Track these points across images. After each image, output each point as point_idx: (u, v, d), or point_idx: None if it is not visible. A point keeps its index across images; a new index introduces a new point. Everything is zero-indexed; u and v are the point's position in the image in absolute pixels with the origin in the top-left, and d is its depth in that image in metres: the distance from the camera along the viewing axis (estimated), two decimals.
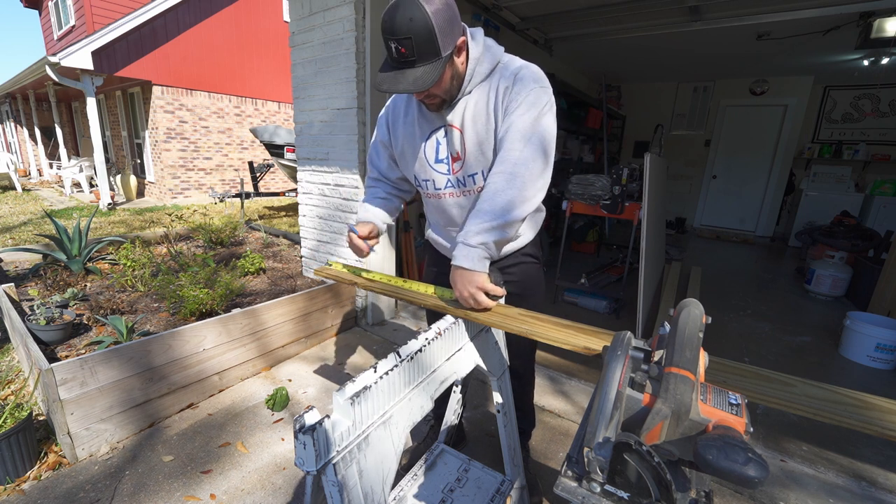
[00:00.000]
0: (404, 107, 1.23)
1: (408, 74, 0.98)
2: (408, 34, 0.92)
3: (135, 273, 2.84)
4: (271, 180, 9.35)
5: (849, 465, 1.75)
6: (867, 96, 5.82)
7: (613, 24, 3.74)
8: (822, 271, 3.86)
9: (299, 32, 2.73)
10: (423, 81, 0.97)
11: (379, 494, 0.75)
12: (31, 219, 5.87)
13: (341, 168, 2.73)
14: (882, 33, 3.22)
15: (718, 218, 6.98)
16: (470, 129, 1.11)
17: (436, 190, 1.23)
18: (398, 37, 0.93)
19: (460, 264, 1.03)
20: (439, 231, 1.37)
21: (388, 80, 1.00)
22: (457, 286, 1.04)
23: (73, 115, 11.65)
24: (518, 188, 1.03)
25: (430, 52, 0.95)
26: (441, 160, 1.18)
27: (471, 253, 1.03)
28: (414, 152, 1.21)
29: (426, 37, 0.93)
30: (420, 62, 0.96)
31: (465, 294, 1.02)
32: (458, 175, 1.18)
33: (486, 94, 1.09)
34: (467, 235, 1.04)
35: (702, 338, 0.62)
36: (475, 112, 1.10)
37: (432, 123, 1.16)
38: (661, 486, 0.49)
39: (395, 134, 1.25)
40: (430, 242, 1.45)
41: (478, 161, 1.14)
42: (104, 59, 6.71)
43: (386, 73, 1.01)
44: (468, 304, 1.03)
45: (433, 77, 0.98)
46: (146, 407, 1.81)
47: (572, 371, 2.40)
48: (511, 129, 1.05)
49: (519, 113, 1.05)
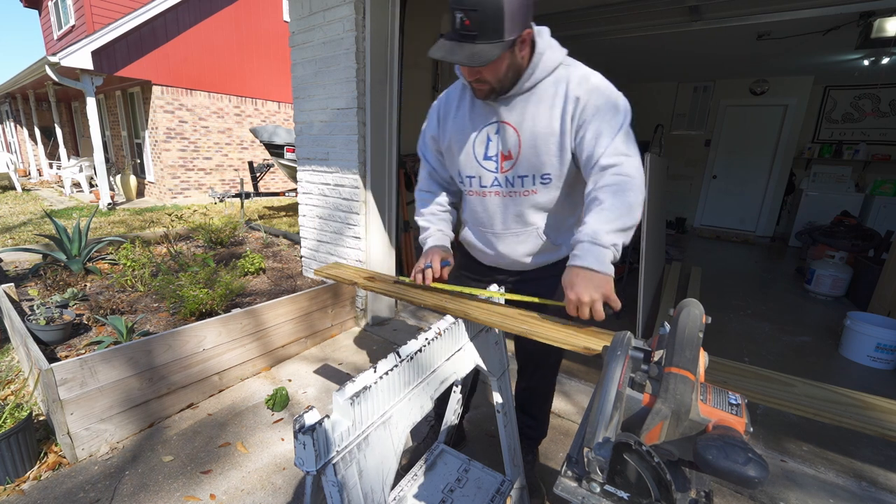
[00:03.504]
0: (457, 100, 1.19)
1: (465, 48, 0.94)
2: (476, 6, 0.89)
3: (135, 273, 2.84)
4: (271, 180, 9.35)
5: (849, 466, 1.75)
6: (867, 96, 5.81)
7: (613, 24, 3.73)
8: (823, 271, 3.86)
9: (299, 32, 2.73)
10: (478, 58, 0.93)
11: (379, 494, 0.75)
12: (31, 219, 5.86)
13: (341, 168, 2.73)
14: (882, 33, 3.22)
15: (718, 218, 6.97)
16: (527, 130, 1.07)
17: (481, 187, 1.19)
18: (466, 6, 0.90)
19: (587, 265, 0.92)
20: (475, 231, 1.31)
21: (443, 49, 0.96)
22: (576, 288, 0.91)
23: (72, 114, 11.65)
24: (636, 193, 0.97)
25: (493, 30, 0.92)
26: (490, 157, 1.14)
27: (602, 254, 0.93)
28: (461, 147, 1.17)
29: (494, 13, 0.89)
30: (481, 39, 0.92)
31: (586, 299, 0.89)
32: (506, 174, 1.13)
33: (551, 97, 1.05)
34: (597, 234, 0.94)
35: (702, 338, 0.62)
36: (536, 113, 1.06)
37: (485, 118, 1.12)
38: (660, 487, 0.49)
39: (445, 127, 1.21)
40: (464, 245, 1.39)
41: (530, 164, 1.10)
42: (104, 59, 6.71)
43: (445, 41, 0.97)
44: (582, 313, 0.91)
45: (490, 56, 0.93)
46: (146, 407, 1.81)
47: (572, 371, 2.40)
48: (608, 140, 1.00)
49: (608, 119, 1.01)
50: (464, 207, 1.32)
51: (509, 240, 1.23)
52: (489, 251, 1.29)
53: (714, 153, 6.77)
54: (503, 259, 1.28)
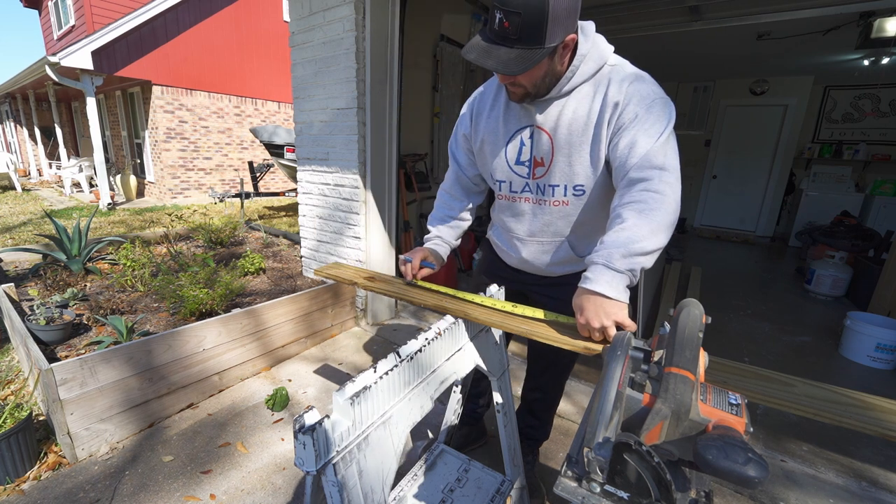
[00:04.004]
0: (491, 100, 1.13)
1: (500, 52, 0.88)
2: (518, 9, 0.83)
3: (135, 273, 2.84)
4: (271, 180, 9.35)
5: (849, 465, 1.75)
6: (867, 96, 5.81)
7: (613, 24, 3.73)
8: (823, 271, 3.86)
9: (299, 32, 2.73)
10: (512, 66, 0.88)
11: (379, 494, 0.75)
12: (31, 219, 5.86)
13: (341, 168, 2.73)
14: (882, 33, 3.22)
15: (718, 218, 6.98)
16: (562, 137, 1.02)
17: (511, 192, 1.15)
18: (508, 7, 0.83)
19: (600, 290, 0.84)
20: (502, 233, 1.29)
21: (478, 51, 0.90)
22: (586, 314, 0.86)
23: (72, 114, 11.65)
24: (665, 212, 0.88)
25: (534, 36, 0.85)
26: (522, 162, 1.09)
27: (615, 279, 0.85)
28: (494, 150, 1.13)
29: (537, 19, 0.83)
30: (519, 44, 0.86)
31: (596, 325, 0.84)
32: (538, 181, 1.09)
33: (588, 101, 0.98)
34: (612, 257, 0.86)
35: (702, 338, 0.62)
36: (572, 119, 1.00)
37: (519, 122, 1.07)
38: (660, 486, 0.49)
39: (478, 127, 1.16)
40: (490, 244, 1.38)
41: (562, 172, 1.05)
42: (104, 59, 6.71)
43: (480, 42, 0.91)
44: (594, 336, 0.86)
45: (526, 66, 0.88)
46: (146, 407, 1.81)
47: (573, 371, 2.40)
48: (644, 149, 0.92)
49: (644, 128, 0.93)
50: (494, 207, 1.29)
51: (534, 248, 1.21)
52: (513, 254, 1.27)
53: (714, 153, 6.77)
54: (527, 264, 1.27)
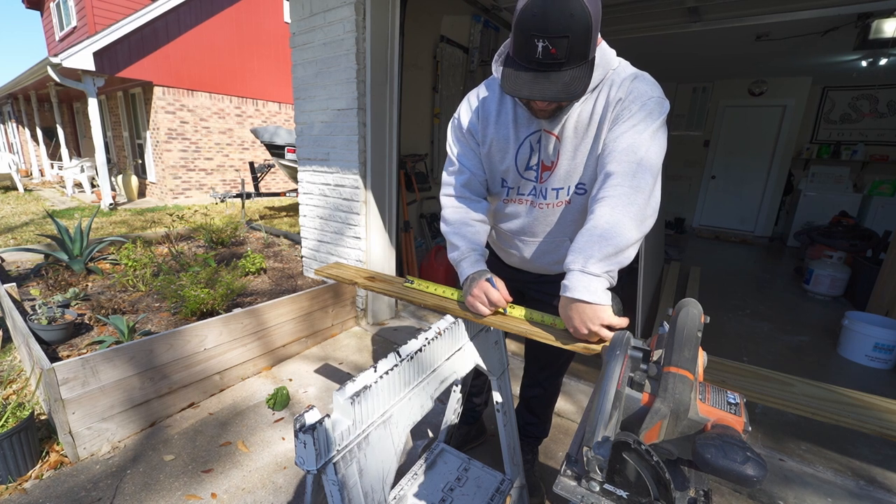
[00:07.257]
0: (496, 105, 1.09)
1: (553, 78, 0.83)
2: (565, 33, 0.78)
3: (136, 273, 2.84)
4: (272, 180, 9.35)
5: (847, 464, 1.75)
6: (865, 97, 5.82)
7: (613, 24, 3.74)
8: (821, 271, 3.87)
9: (300, 33, 2.74)
10: (574, 88, 0.83)
11: (379, 493, 0.76)
12: (33, 219, 5.87)
13: (342, 168, 2.73)
14: (880, 34, 3.23)
15: (717, 218, 6.98)
16: (569, 140, 1.02)
17: (518, 195, 1.15)
18: (553, 34, 0.78)
19: (580, 297, 0.85)
20: (502, 233, 1.28)
21: (529, 85, 0.84)
22: (573, 323, 0.87)
23: (74, 115, 11.66)
24: (639, 207, 0.88)
25: (581, 53, 0.82)
26: (531, 167, 1.09)
27: (592, 284, 0.85)
28: (504, 156, 1.11)
29: (584, 37, 0.80)
30: (568, 65, 0.83)
31: (584, 332, 0.86)
32: (544, 184, 1.09)
33: (592, 103, 0.98)
34: (587, 262, 0.86)
35: (700, 337, 0.63)
36: (578, 122, 1.00)
37: (528, 128, 1.05)
38: (659, 485, 0.50)
39: (485, 133, 1.13)
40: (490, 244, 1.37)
41: (567, 174, 1.05)
42: (105, 60, 6.72)
43: (520, 72, 0.85)
44: (590, 339, 0.88)
45: (585, 83, 0.84)
46: (147, 406, 1.82)
47: (572, 371, 2.41)
48: (627, 143, 0.91)
49: (632, 124, 0.92)
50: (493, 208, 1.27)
51: (537, 247, 1.21)
52: (514, 253, 1.27)
53: (713, 153, 6.78)
54: (528, 264, 1.27)
